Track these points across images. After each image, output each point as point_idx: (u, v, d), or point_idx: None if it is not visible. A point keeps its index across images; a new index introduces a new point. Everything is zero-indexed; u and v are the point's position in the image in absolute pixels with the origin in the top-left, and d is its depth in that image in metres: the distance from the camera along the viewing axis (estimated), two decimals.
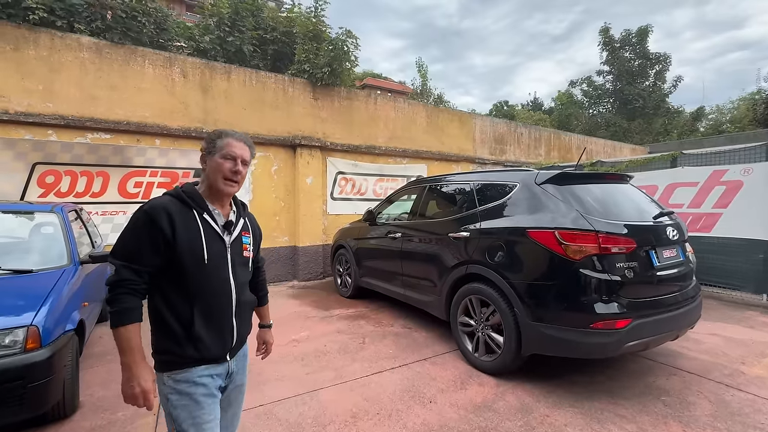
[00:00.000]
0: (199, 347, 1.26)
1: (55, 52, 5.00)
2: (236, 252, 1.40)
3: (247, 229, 1.48)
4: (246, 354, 1.52)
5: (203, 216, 1.32)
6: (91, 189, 5.23)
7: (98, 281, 3.82)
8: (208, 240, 1.30)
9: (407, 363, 3.35)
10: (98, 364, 3.36)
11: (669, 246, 2.84)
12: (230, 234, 1.38)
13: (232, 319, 1.36)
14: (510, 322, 2.86)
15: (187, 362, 1.26)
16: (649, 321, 2.55)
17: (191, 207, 1.31)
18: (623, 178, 3.35)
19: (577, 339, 2.53)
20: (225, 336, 1.34)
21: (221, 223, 1.36)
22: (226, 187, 1.34)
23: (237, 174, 1.34)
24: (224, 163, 1.33)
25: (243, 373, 1.49)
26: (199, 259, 1.27)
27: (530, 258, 2.82)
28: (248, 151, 1.40)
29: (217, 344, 1.31)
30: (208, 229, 1.32)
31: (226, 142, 1.35)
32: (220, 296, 1.33)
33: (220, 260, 1.33)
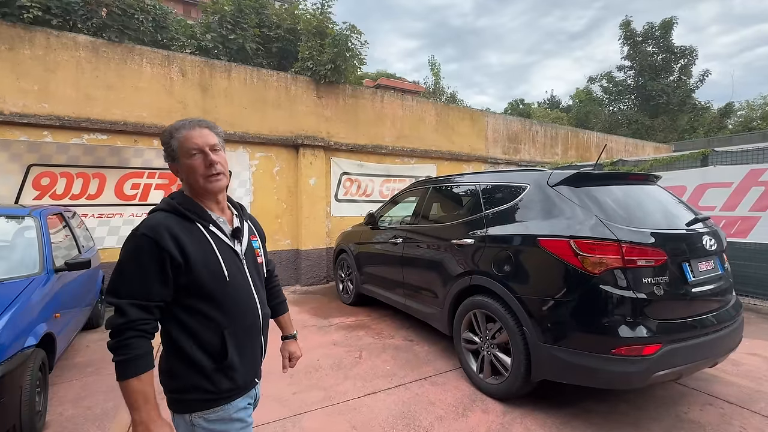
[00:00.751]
0: (234, 377, 1.12)
1: (50, 52, 4.89)
2: (250, 261, 1.25)
3: (254, 232, 1.33)
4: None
5: (210, 228, 1.15)
6: (87, 191, 5.11)
7: (84, 287, 3.66)
8: (223, 255, 1.14)
9: (405, 383, 3.04)
10: (77, 376, 3.18)
11: (705, 257, 2.44)
12: (240, 242, 1.23)
13: (260, 337, 1.23)
14: (518, 342, 2.52)
15: (222, 397, 1.11)
16: (682, 346, 2.17)
17: (193, 220, 1.13)
18: (649, 178, 2.96)
19: (597, 366, 2.18)
20: (256, 357, 1.23)
21: (229, 232, 1.20)
22: (213, 185, 1.15)
23: (213, 165, 1.13)
24: (194, 160, 1.13)
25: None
26: (220, 278, 1.11)
27: (542, 270, 2.48)
28: (210, 133, 1.17)
29: (249, 369, 1.19)
30: (219, 243, 1.16)
31: (182, 138, 1.14)
32: (248, 315, 1.18)
33: (239, 275, 1.17)
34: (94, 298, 4.07)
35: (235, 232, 1.23)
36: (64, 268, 2.94)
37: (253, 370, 1.22)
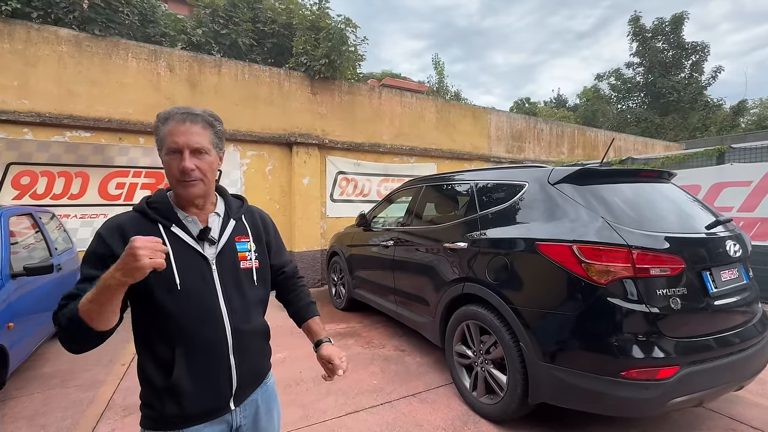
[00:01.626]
0: (182, 402, 0.98)
1: (31, 46, 4.71)
2: (228, 266, 1.07)
3: (244, 232, 1.13)
4: (269, 394, 1.18)
5: (171, 229, 1.02)
6: (70, 190, 4.92)
7: (54, 291, 3.44)
8: (178, 258, 1.00)
9: (391, 400, 2.78)
10: (39, 389, 2.95)
11: (728, 265, 2.15)
12: (214, 244, 1.06)
13: (228, 357, 1.04)
14: (514, 359, 2.24)
15: (167, 421, 0.99)
16: (704, 368, 1.88)
17: (156, 221, 1.02)
18: (663, 175, 2.66)
19: (603, 390, 1.89)
20: (219, 381, 1.03)
21: (194, 231, 1.04)
22: (185, 190, 1.01)
23: (185, 173, 0.98)
24: (170, 161, 1.00)
25: (267, 412, 1.16)
26: (170, 283, 0.97)
27: (540, 279, 2.20)
28: (200, 130, 1.01)
29: (207, 394, 1.02)
30: (178, 245, 1.01)
31: (166, 130, 1.00)
32: (205, 329, 1.01)
33: (200, 281, 1.02)
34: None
35: (203, 233, 1.04)
36: (24, 273, 2.72)
37: (216, 396, 1.03)
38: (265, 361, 1.20)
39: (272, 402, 1.20)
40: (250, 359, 1.09)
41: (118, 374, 3.20)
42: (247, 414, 1.11)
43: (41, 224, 3.62)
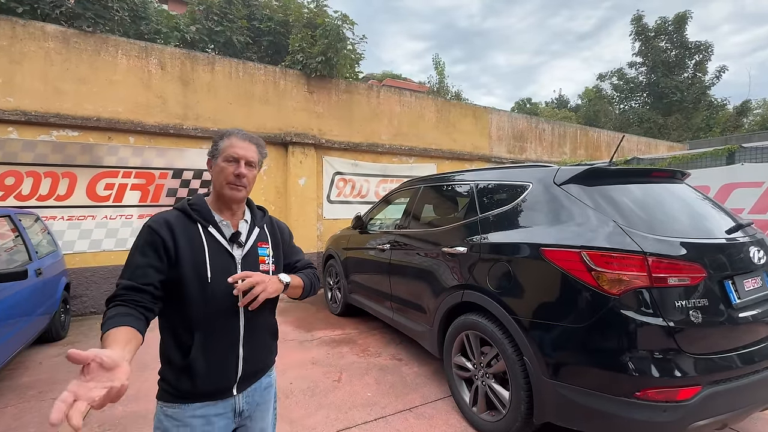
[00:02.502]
0: (194, 380, 1.09)
1: (16, 42, 4.56)
2: (250, 267, 1.20)
3: (265, 239, 1.29)
4: (268, 390, 1.28)
5: (208, 229, 1.18)
6: (56, 191, 4.76)
7: (33, 297, 3.28)
8: (212, 255, 1.15)
9: (386, 415, 2.60)
10: (14, 401, 2.79)
11: (752, 273, 1.97)
12: (241, 247, 1.21)
13: (238, 347, 1.16)
14: (518, 374, 2.07)
15: (180, 396, 1.11)
16: (729, 387, 1.70)
17: (195, 221, 1.17)
18: (676, 175, 2.49)
19: (616, 412, 1.72)
20: (228, 367, 1.15)
21: (227, 235, 1.20)
22: (231, 192, 1.19)
23: (241, 177, 1.18)
24: (227, 166, 1.18)
25: (265, 406, 1.27)
26: (202, 276, 1.12)
27: (546, 287, 2.03)
28: (255, 150, 1.24)
29: (216, 376, 1.13)
30: (213, 243, 1.17)
31: (228, 143, 1.20)
32: (224, 319, 1.15)
33: (226, 277, 1.12)
34: (51, 308, 3.70)
35: (234, 236, 1.20)
36: None
37: (222, 379, 1.14)
38: (269, 356, 1.29)
39: (270, 395, 1.30)
40: (256, 351, 1.20)
41: None
42: (250, 402, 1.21)
43: (21, 227, 3.46)
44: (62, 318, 4.09)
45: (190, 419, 1.10)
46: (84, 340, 4.07)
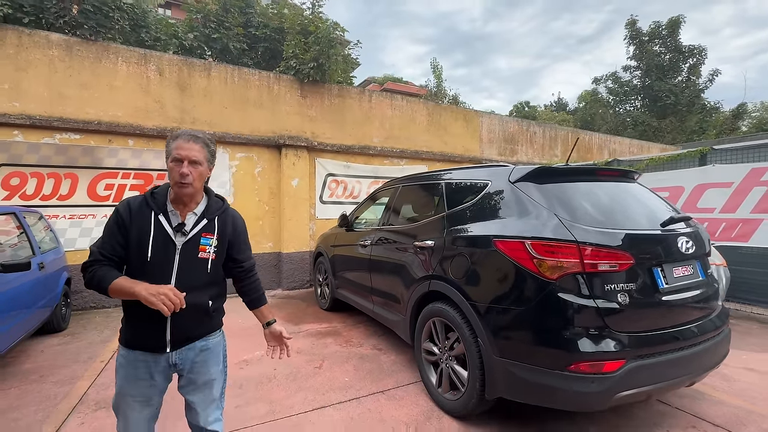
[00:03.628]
0: (134, 334, 1.44)
1: (22, 50, 4.82)
2: (188, 254, 1.43)
3: (211, 230, 1.48)
4: (210, 349, 1.55)
5: (158, 216, 1.40)
6: (59, 191, 5.01)
7: (36, 289, 3.51)
8: (155, 239, 1.38)
9: (360, 396, 2.81)
10: (17, 384, 3.01)
11: (681, 262, 2.17)
12: (185, 236, 1.42)
13: (166, 317, 1.39)
14: (474, 355, 2.27)
15: (127, 343, 1.46)
16: (651, 362, 1.91)
17: (152, 208, 1.40)
18: (628, 174, 2.70)
19: (552, 384, 1.92)
20: (159, 330, 1.41)
21: (174, 224, 1.41)
22: (178, 190, 1.39)
23: (184, 176, 1.36)
24: (174, 167, 1.38)
25: (204, 365, 1.53)
26: (143, 255, 1.37)
27: (497, 275, 2.24)
28: (199, 148, 1.41)
29: (147, 334, 1.42)
30: (159, 229, 1.39)
31: (175, 145, 1.39)
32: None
33: (164, 259, 1.39)
34: (52, 300, 3.92)
35: (178, 226, 1.42)
36: (0, 270, 2.79)
37: (155, 339, 1.42)
38: (199, 328, 1.51)
39: (210, 357, 1.55)
40: (183, 323, 1.44)
41: (96, 370, 3.25)
42: (183, 358, 1.48)
43: (25, 224, 3.70)
44: (63, 311, 4.32)
45: (134, 361, 1.44)
46: (83, 332, 4.30)
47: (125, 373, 1.45)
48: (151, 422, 1.54)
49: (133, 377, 1.45)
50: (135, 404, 1.46)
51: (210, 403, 1.57)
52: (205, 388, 1.55)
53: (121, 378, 1.46)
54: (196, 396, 1.54)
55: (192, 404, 1.55)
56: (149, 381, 1.46)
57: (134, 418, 1.47)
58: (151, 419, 1.53)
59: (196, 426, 1.57)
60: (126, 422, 1.48)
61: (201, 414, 1.55)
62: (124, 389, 1.46)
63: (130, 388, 1.45)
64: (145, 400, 1.47)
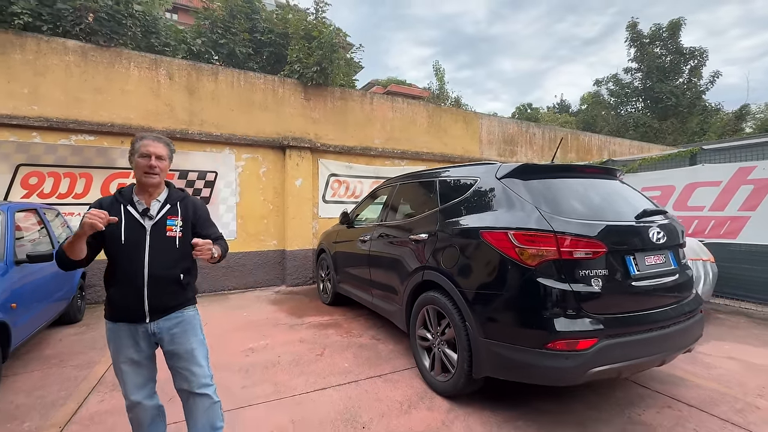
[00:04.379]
0: (115, 309, 1.70)
1: (41, 56, 5.08)
2: (157, 234, 1.72)
3: (175, 213, 1.77)
4: (184, 321, 1.79)
5: (127, 207, 1.69)
6: (74, 190, 5.26)
7: (55, 281, 3.74)
8: (127, 225, 1.67)
9: (358, 379, 3.00)
10: (39, 367, 3.24)
11: (653, 251, 2.35)
12: (152, 219, 1.71)
13: (143, 289, 1.67)
14: (462, 338, 2.46)
15: (110, 316, 1.72)
16: (622, 342, 2.08)
17: (120, 202, 1.71)
18: (609, 172, 2.88)
19: (531, 361, 2.11)
20: (135, 303, 1.67)
21: (140, 210, 1.71)
22: (147, 179, 1.70)
23: (153, 167, 1.69)
24: (142, 161, 1.69)
25: (183, 335, 1.78)
26: (117, 240, 1.66)
27: (483, 263, 2.43)
28: (162, 146, 1.75)
29: (127, 308, 1.68)
30: (129, 217, 1.68)
31: (142, 143, 1.71)
32: (132, 270, 1.66)
33: (136, 241, 1.68)
34: (69, 292, 4.15)
35: (144, 211, 1.72)
36: (26, 260, 3.01)
37: (133, 310, 1.68)
38: (174, 299, 1.77)
39: (188, 328, 1.80)
40: (159, 295, 1.71)
41: None
42: (161, 328, 1.74)
43: (45, 219, 3.94)
44: (79, 303, 4.55)
45: (119, 332, 1.71)
46: (98, 323, 4.52)
47: (114, 343, 1.72)
48: (149, 384, 1.81)
49: (121, 345, 1.71)
50: (128, 368, 1.73)
51: (196, 368, 1.79)
52: (188, 356, 1.78)
53: (113, 348, 1.73)
54: (181, 364, 1.78)
55: (179, 372, 1.79)
56: (135, 347, 1.72)
57: (131, 379, 1.74)
58: (147, 381, 1.80)
59: (186, 391, 1.81)
60: (125, 384, 1.75)
61: (189, 379, 1.78)
62: (116, 356, 1.73)
63: (120, 355, 1.72)
64: (136, 364, 1.74)
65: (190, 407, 1.83)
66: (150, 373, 1.82)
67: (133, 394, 1.76)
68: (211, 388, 1.84)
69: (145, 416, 1.83)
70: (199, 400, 1.81)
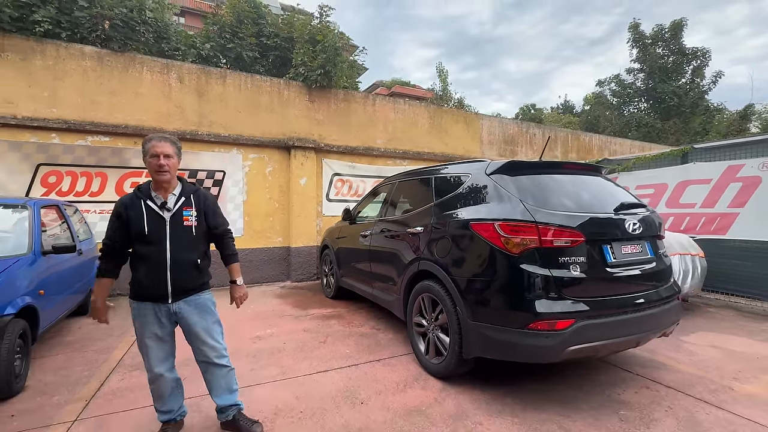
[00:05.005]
0: (141, 289, 1.94)
1: (59, 61, 5.36)
2: (176, 223, 1.96)
3: (190, 204, 2.02)
4: (202, 303, 2.06)
5: (146, 202, 1.94)
6: (90, 188, 5.53)
7: (75, 273, 3.99)
8: (149, 218, 1.92)
9: (358, 363, 3.21)
10: (63, 351, 3.48)
11: (630, 241, 2.53)
12: (170, 211, 1.96)
13: (166, 273, 1.92)
14: (454, 322, 2.66)
15: (137, 296, 1.97)
16: (597, 323, 2.27)
17: (140, 198, 1.94)
18: (593, 169, 3.06)
19: (515, 341, 2.30)
20: (160, 285, 1.92)
21: (159, 204, 1.96)
22: (159, 176, 1.93)
23: (162, 166, 1.91)
24: (152, 160, 1.91)
25: (201, 315, 2.04)
26: (141, 230, 1.90)
27: (472, 252, 2.62)
28: (169, 145, 1.95)
29: (152, 289, 1.92)
30: (149, 210, 1.93)
31: (150, 145, 1.93)
32: (156, 256, 1.91)
33: (158, 230, 1.92)
34: (87, 285, 4.41)
35: (162, 204, 1.97)
36: (51, 251, 3.26)
37: (157, 291, 1.93)
38: (194, 282, 2.02)
39: (205, 309, 2.07)
40: (180, 277, 1.96)
41: (129, 343, 3.70)
42: (182, 308, 2.00)
43: (66, 215, 4.19)
44: None
45: (144, 309, 1.95)
46: (114, 314, 4.75)
47: (140, 320, 1.97)
48: (169, 358, 2.07)
49: (146, 322, 1.96)
50: (153, 344, 1.99)
51: (214, 343, 2.08)
52: (206, 334, 2.05)
53: (138, 325, 1.98)
54: (201, 339, 2.04)
55: (199, 347, 2.06)
56: (158, 323, 1.98)
57: (154, 354, 2.00)
58: (168, 356, 2.06)
59: (205, 362, 2.09)
60: (149, 358, 2.00)
61: (208, 353, 2.06)
62: (142, 332, 1.98)
63: (145, 330, 1.97)
64: (159, 339, 2.00)
65: (210, 375, 2.11)
66: (171, 349, 2.08)
67: (156, 366, 2.01)
68: (226, 359, 2.13)
69: (165, 387, 2.06)
70: (218, 369, 2.11)
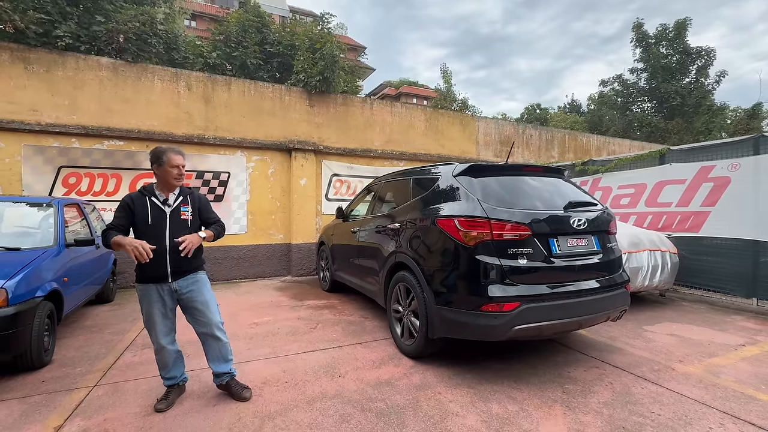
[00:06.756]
0: (145, 272, 2.32)
1: (79, 72, 5.85)
2: (174, 217, 2.39)
3: (187, 202, 2.47)
4: (198, 281, 2.48)
5: (151, 198, 2.38)
6: (106, 188, 6.01)
7: (94, 264, 4.44)
8: (152, 211, 2.35)
9: (342, 345, 3.58)
10: (83, 333, 3.93)
11: (576, 235, 2.85)
12: (170, 207, 2.40)
13: (166, 257, 2.32)
14: (422, 306, 3.01)
15: (141, 279, 2.37)
16: (540, 306, 2.60)
17: (145, 195, 2.39)
18: (555, 171, 3.38)
19: (470, 321, 2.64)
20: (161, 267, 2.32)
21: (161, 200, 2.40)
22: (178, 182, 2.43)
23: (182, 175, 2.43)
24: (173, 170, 2.39)
25: (198, 291, 2.45)
26: (146, 221, 2.32)
27: (437, 245, 2.97)
28: (182, 158, 2.44)
29: (154, 270, 2.31)
30: (153, 205, 2.36)
31: (169, 156, 2.38)
32: (157, 243, 2.28)
33: (160, 222, 2.34)
34: (104, 276, 4.87)
35: (164, 201, 2.41)
36: (74, 243, 3.71)
37: (159, 272, 2.33)
38: (189, 264, 2.43)
39: (201, 285, 2.48)
40: (178, 261, 2.36)
41: (140, 327, 4.13)
42: (181, 285, 2.41)
43: (86, 213, 4.65)
44: (111, 286, 5.28)
45: (149, 289, 2.35)
46: (127, 303, 5.23)
47: (146, 299, 2.37)
48: (171, 332, 2.47)
49: (151, 300, 2.36)
50: (157, 319, 2.38)
51: (211, 315, 2.48)
52: (204, 306, 2.46)
53: (145, 303, 2.38)
54: (199, 311, 2.45)
55: (198, 319, 2.47)
56: (162, 302, 2.39)
57: (160, 328, 2.40)
58: (170, 331, 2.47)
59: (204, 333, 2.50)
60: (155, 332, 2.40)
61: (207, 324, 2.47)
62: (148, 309, 2.37)
63: (152, 308, 2.37)
64: (163, 315, 2.40)
65: (208, 345, 2.52)
66: (173, 325, 2.49)
67: (161, 338, 2.41)
68: (223, 332, 2.55)
69: (169, 357, 2.46)
70: (214, 341, 2.52)
